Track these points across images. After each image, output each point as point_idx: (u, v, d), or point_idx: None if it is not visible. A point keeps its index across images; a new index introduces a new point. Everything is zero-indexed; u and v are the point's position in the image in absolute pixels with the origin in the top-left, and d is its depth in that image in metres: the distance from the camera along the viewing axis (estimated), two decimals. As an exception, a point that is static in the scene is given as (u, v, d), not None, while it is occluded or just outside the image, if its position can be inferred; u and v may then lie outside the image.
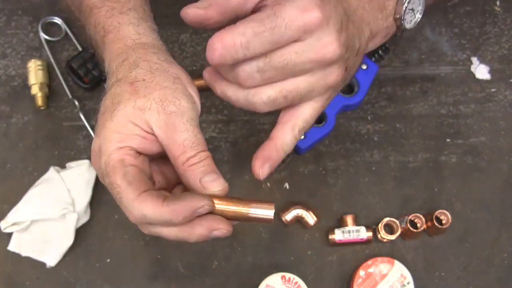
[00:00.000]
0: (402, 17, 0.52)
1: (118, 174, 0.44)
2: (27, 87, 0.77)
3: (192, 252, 0.70)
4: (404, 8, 0.51)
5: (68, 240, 0.69)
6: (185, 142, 0.45)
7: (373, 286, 0.67)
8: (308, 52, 0.42)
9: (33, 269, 0.69)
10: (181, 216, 0.42)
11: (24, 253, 0.69)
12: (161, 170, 0.50)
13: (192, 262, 0.70)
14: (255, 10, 0.43)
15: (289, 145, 0.48)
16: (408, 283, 0.67)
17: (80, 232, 0.70)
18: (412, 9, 0.53)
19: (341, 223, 0.70)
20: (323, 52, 0.43)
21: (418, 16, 0.54)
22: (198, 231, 0.44)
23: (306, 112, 0.48)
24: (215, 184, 0.45)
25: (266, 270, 0.69)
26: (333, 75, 0.45)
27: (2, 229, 0.69)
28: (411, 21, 0.54)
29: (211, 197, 0.45)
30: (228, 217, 0.45)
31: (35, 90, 0.75)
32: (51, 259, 0.69)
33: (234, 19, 0.43)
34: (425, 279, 0.69)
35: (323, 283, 0.69)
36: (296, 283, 0.67)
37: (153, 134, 0.46)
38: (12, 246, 0.69)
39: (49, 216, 0.68)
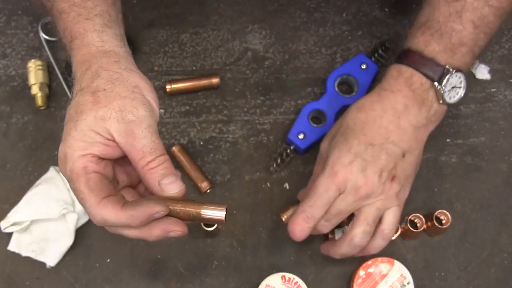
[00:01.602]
0: (445, 101, 0.61)
1: (81, 180, 0.48)
2: (27, 87, 0.77)
3: (192, 252, 0.70)
4: (443, 93, 0.60)
5: (68, 240, 0.69)
6: (144, 148, 0.49)
7: (373, 286, 0.67)
8: (349, 197, 0.58)
9: (33, 269, 0.69)
10: (138, 221, 0.47)
11: (24, 253, 0.69)
12: (125, 170, 0.53)
13: (192, 262, 0.70)
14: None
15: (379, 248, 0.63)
16: (408, 283, 0.67)
17: (80, 232, 0.70)
18: (454, 87, 0.61)
19: (341, 223, 0.70)
20: (360, 193, 0.58)
21: (463, 91, 0.62)
22: (156, 232, 0.49)
23: (389, 217, 0.61)
24: (173, 186, 0.49)
25: (266, 270, 0.69)
26: (385, 193, 0.59)
27: (2, 229, 0.69)
28: (454, 96, 0.62)
29: (168, 199, 0.49)
30: (183, 218, 0.50)
31: (35, 90, 0.75)
32: (51, 259, 0.69)
33: None
34: (425, 279, 0.69)
35: (323, 283, 0.69)
36: (296, 283, 0.67)
37: (114, 141, 0.49)
38: (12, 246, 0.69)
39: (49, 216, 0.68)
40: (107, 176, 0.50)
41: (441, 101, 0.60)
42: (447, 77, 0.59)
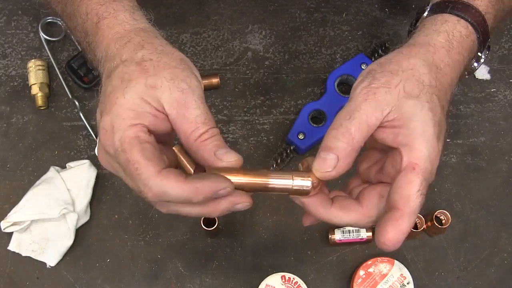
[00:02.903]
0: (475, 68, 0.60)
1: (136, 150, 0.43)
2: (27, 87, 0.77)
3: (192, 252, 0.70)
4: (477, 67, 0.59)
5: (68, 240, 0.69)
6: (197, 118, 0.46)
7: (373, 286, 0.67)
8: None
9: (33, 269, 0.69)
10: (202, 196, 0.43)
11: (24, 253, 0.69)
12: None
13: (192, 262, 0.70)
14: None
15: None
16: (408, 283, 0.67)
17: (80, 232, 0.70)
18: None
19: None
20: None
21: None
22: (222, 206, 0.45)
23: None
24: (230, 155, 0.46)
25: (266, 270, 0.69)
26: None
27: (2, 229, 0.69)
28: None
29: (228, 172, 0.45)
30: (247, 191, 0.46)
31: (35, 90, 0.75)
32: (51, 259, 0.69)
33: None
34: (425, 279, 0.69)
35: (323, 283, 0.69)
36: (296, 283, 0.67)
37: (164, 113, 0.46)
38: (12, 246, 0.69)
39: (49, 216, 0.68)
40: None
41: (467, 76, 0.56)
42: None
